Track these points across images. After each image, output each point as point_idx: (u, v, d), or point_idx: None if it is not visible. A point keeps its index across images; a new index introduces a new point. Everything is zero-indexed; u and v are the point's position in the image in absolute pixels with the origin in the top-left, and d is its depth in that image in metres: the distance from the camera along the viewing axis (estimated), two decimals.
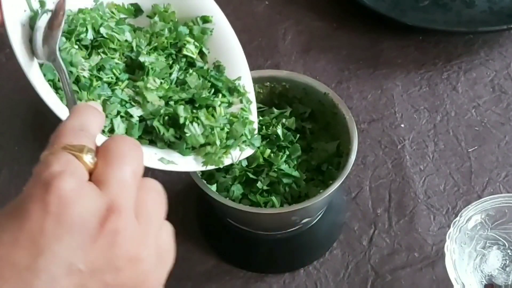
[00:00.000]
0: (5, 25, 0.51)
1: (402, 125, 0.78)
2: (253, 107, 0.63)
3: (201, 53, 0.64)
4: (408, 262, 0.67)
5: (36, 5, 0.55)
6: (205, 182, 0.59)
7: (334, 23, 0.88)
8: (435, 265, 0.67)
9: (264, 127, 0.65)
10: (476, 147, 0.76)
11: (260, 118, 0.65)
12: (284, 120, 0.66)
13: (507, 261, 0.63)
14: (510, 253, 0.63)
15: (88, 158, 0.37)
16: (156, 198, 0.39)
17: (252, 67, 0.64)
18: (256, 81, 0.65)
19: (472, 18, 0.85)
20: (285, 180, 0.62)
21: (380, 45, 0.85)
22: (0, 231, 0.33)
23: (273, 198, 0.61)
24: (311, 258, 0.68)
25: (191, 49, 0.63)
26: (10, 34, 0.51)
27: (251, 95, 0.63)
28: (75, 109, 0.41)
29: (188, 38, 0.63)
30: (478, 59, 0.84)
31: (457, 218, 0.61)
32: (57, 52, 0.52)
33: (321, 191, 0.59)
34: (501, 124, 0.78)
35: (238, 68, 0.64)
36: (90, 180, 0.36)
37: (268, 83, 0.67)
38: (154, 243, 0.37)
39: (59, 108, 0.52)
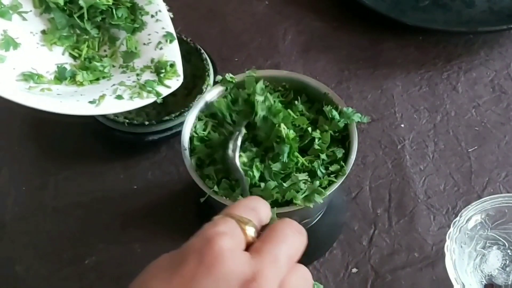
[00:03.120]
0: None
1: (402, 125, 0.78)
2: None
3: None
4: (408, 262, 0.67)
5: None
6: (204, 181, 0.59)
7: (334, 23, 0.88)
8: (435, 265, 0.67)
9: None
10: (476, 147, 0.76)
11: None
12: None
13: (507, 261, 0.63)
14: (510, 253, 0.63)
15: (250, 232, 0.41)
16: (303, 285, 0.41)
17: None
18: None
19: (472, 18, 0.85)
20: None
21: (380, 45, 0.85)
22: (163, 270, 0.38)
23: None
24: (311, 258, 0.67)
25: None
26: None
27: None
28: (249, 197, 0.49)
29: None
30: (478, 59, 0.84)
31: (457, 218, 0.61)
32: (237, 159, 0.57)
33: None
34: (501, 124, 0.78)
35: None
36: (246, 250, 0.40)
37: (268, 83, 0.67)
38: None
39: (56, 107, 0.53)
